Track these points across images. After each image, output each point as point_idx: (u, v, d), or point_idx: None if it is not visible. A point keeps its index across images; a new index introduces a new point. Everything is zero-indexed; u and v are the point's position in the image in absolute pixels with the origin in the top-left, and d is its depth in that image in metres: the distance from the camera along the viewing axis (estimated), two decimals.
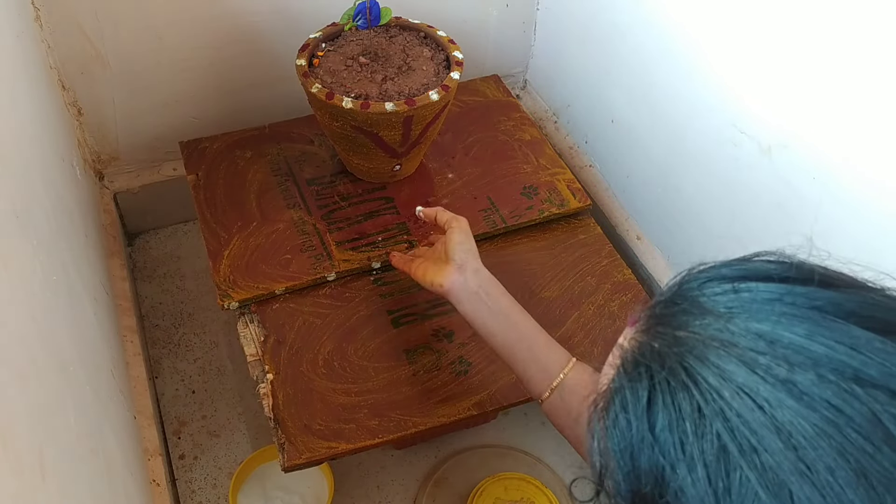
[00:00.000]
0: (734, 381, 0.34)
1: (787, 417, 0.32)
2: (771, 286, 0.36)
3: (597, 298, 0.96)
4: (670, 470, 0.34)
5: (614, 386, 0.38)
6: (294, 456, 0.80)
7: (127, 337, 0.99)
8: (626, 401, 0.37)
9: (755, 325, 0.35)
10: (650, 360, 0.37)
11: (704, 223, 0.99)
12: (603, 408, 0.39)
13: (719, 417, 0.33)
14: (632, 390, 0.37)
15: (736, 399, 0.33)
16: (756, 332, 0.35)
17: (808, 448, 0.32)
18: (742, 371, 0.34)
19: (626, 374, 0.38)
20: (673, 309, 0.38)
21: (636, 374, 0.37)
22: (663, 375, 0.36)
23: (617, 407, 0.37)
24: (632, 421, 0.36)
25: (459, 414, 0.85)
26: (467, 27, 1.23)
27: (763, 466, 0.32)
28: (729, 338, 0.35)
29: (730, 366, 0.34)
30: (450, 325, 0.93)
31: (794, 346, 0.34)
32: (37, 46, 0.95)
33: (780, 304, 0.35)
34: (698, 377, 0.34)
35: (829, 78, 0.74)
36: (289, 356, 0.89)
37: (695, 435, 0.34)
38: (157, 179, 1.18)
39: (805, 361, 0.33)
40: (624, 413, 0.37)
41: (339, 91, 0.94)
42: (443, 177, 1.08)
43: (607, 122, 1.15)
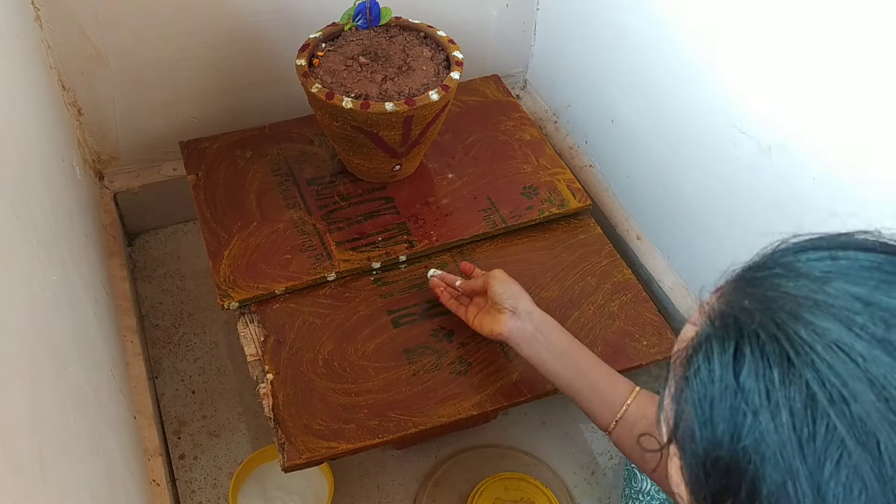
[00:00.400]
0: (828, 336, 0.34)
1: (882, 371, 0.33)
2: (871, 255, 0.36)
3: (597, 298, 0.96)
4: (752, 417, 0.34)
5: (699, 339, 0.38)
6: (294, 456, 0.80)
7: (127, 337, 0.99)
8: (710, 351, 0.36)
9: (853, 287, 0.35)
10: (739, 313, 0.36)
11: (704, 223, 0.99)
12: (684, 360, 0.38)
13: (809, 368, 0.33)
14: (718, 340, 0.36)
15: (829, 352, 0.33)
16: (853, 295, 0.35)
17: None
18: (837, 327, 0.34)
19: (712, 326, 0.37)
20: (764, 272, 0.38)
21: (723, 325, 0.37)
22: (753, 328, 0.35)
23: (700, 358, 0.37)
24: (715, 369, 0.36)
25: (459, 414, 0.85)
26: (467, 27, 1.23)
27: (853, 416, 0.32)
28: (825, 298, 0.35)
29: (824, 322, 0.34)
30: (450, 325, 0.93)
31: (891, 308, 0.34)
32: (37, 46, 0.95)
33: (879, 271, 0.36)
34: (789, 331, 0.34)
35: (830, 78, 0.74)
36: (289, 356, 0.89)
37: (782, 383, 0.34)
38: (157, 179, 1.18)
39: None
40: (707, 363, 0.36)
41: (339, 91, 0.94)
42: (443, 177, 1.08)
43: (607, 122, 1.15)
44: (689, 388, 0.37)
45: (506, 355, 0.90)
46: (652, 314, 0.95)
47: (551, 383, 0.79)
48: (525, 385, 0.87)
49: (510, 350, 0.90)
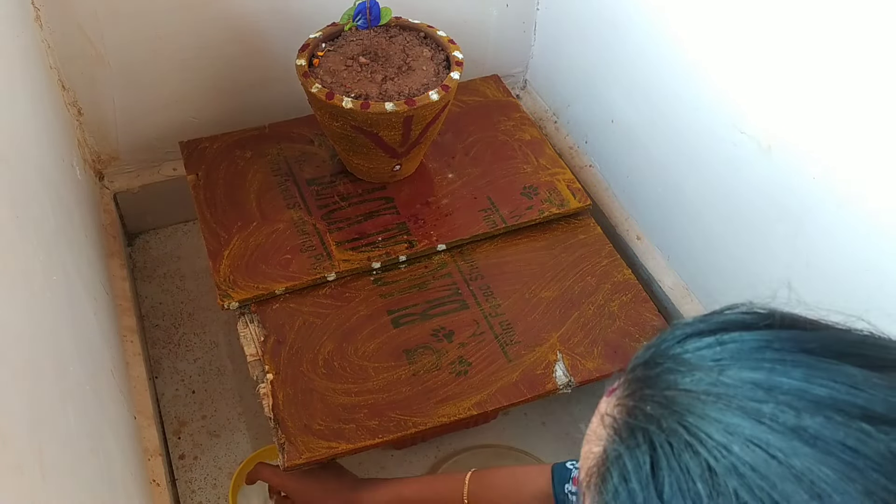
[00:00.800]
0: (741, 433, 0.32)
1: (806, 465, 0.31)
2: (755, 334, 0.35)
3: (597, 298, 0.96)
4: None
5: (610, 456, 0.36)
6: (294, 456, 0.80)
7: (127, 337, 0.99)
8: (626, 470, 0.34)
9: (749, 374, 0.34)
10: (646, 423, 0.35)
11: (704, 223, 0.99)
12: (598, 482, 0.36)
13: (733, 474, 0.31)
14: (631, 457, 0.34)
15: (747, 452, 0.32)
16: (752, 382, 0.33)
17: (835, 494, 0.30)
18: (747, 422, 0.32)
19: (621, 442, 0.35)
20: (656, 370, 0.37)
21: (633, 440, 0.35)
22: (664, 438, 0.34)
23: (615, 479, 0.35)
24: (636, 490, 0.34)
25: (459, 414, 0.85)
26: (467, 27, 1.23)
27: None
28: (724, 391, 0.33)
29: (733, 419, 0.32)
30: (450, 325, 0.93)
31: (793, 391, 0.33)
32: (37, 46, 0.95)
33: (770, 350, 0.34)
34: (702, 434, 0.33)
35: (830, 78, 0.75)
36: (289, 356, 0.89)
37: (709, 497, 0.32)
38: (157, 179, 1.18)
39: (809, 406, 0.32)
40: (625, 483, 0.34)
41: (339, 91, 0.94)
42: (443, 177, 1.08)
43: (607, 122, 1.15)
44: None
45: (506, 355, 0.90)
46: (652, 314, 0.95)
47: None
48: (525, 385, 0.88)
49: (510, 350, 0.90)
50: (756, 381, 0.33)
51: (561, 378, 0.88)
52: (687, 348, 0.36)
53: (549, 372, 0.89)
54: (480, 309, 0.94)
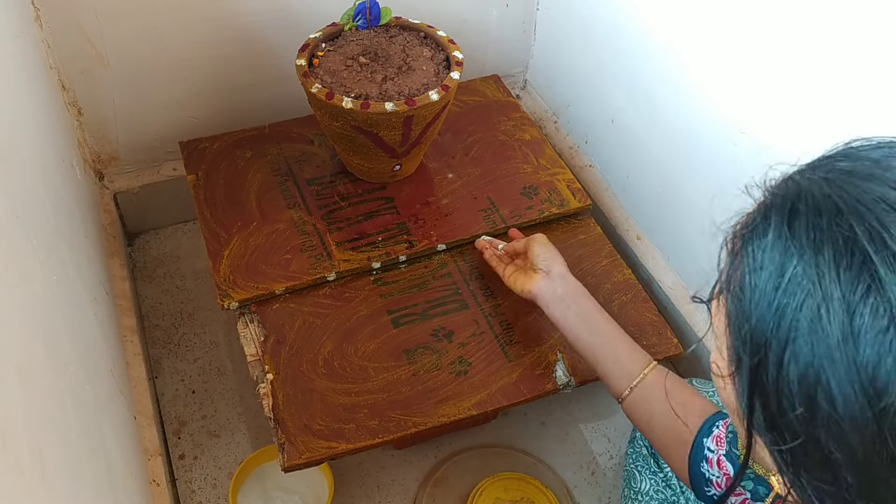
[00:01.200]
0: (874, 193, 0.37)
1: None
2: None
3: (597, 298, 0.95)
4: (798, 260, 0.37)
5: (759, 206, 0.42)
6: (294, 456, 0.80)
7: (127, 337, 0.99)
8: (768, 214, 0.40)
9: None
10: (798, 182, 0.40)
11: (704, 223, 0.98)
12: (743, 223, 0.42)
13: (855, 216, 0.37)
14: (777, 207, 0.40)
15: (877, 206, 0.37)
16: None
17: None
18: (889, 192, 0.37)
19: (770, 195, 0.42)
20: (824, 159, 0.42)
21: (782, 192, 0.41)
22: (807, 190, 0.39)
23: (758, 220, 0.41)
24: (771, 229, 0.40)
25: (460, 414, 0.85)
26: (467, 27, 1.23)
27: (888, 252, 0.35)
28: (879, 172, 0.39)
29: (877, 187, 0.38)
30: (450, 325, 0.93)
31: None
32: (37, 46, 0.95)
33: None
34: (842, 192, 0.38)
35: (830, 78, 0.74)
36: (289, 356, 0.89)
37: (828, 225, 0.37)
38: (157, 179, 1.18)
39: None
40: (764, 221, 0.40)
41: (339, 91, 0.94)
42: (443, 177, 1.08)
43: (607, 122, 1.15)
44: (746, 244, 0.41)
45: (506, 355, 0.90)
46: (652, 314, 0.95)
47: (574, 347, 0.82)
48: (525, 385, 0.87)
49: (510, 350, 0.90)
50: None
51: (561, 378, 0.88)
52: (857, 147, 0.42)
53: (549, 372, 0.89)
54: (480, 309, 0.94)
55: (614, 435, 1.03)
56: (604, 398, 1.06)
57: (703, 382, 0.89)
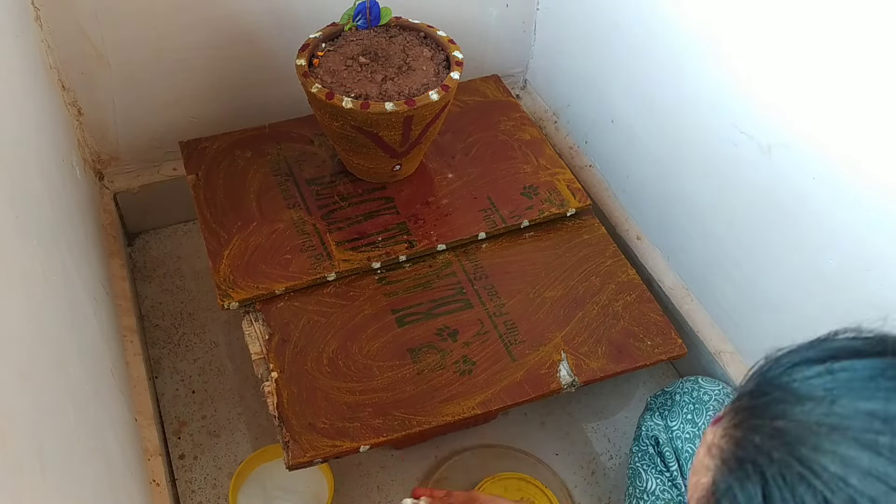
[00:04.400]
0: (859, 465, 0.32)
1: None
2: (867, 362, 0.35)
3: (601, 298, 0.96)
4: None
5: (720, 488, 0.35)
6: (298, 454, 0.80)
7: (127, 337, 0.99)
8: (737, 502, 0.34)
9: (864, 404, 0.33)
10: (755, 454, 0.34)
11: (704, 223, 0.99)
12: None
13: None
14: (742, 489, 0.34)
15: (866, 484, 0.31)
16: (867, 412, 0.33)
17: None
18: (865, 454, 0.32)
19: (730, 474, 0.35)
20: (763, 399, 0.36)
21: (742, 472, 0.34)
22: (776, 469, 0.33)
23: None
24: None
25: (464, 413, 0.85)
26: (467, 27, 1.23)
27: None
28: (838, 421, 0.33)
29: (850, 451, 0.32)
30: (454, 324, 0.93)
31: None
32: (37, 46, 0.95)
33: (883, 378, 0.34)
34: (816, 466, 0.32)
35: (830, 78, 0.74)
36: (293, 355, 0.89)
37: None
38: (157, 179, 1.18)
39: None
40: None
41: (339, 91, 0.94)
42: (443, 177, 1.08)
43: (607, 122, 1.15)
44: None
45: (510, 355, 0.90)
46: (656, 314, 0.95)
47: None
48: (529, 384, 0.87)
49: (515, 349, 0.90)
50: (872, 411, 0.33)
51: (565, 378, 0.88)
52: (795, 377, 0.35)
53: (554, 371, 0.89)
54: (485, 308, 0.94)
55: (615, 435, 1.03)
56: (604, 398, 1.06)
57: (709, 381, 0.89)
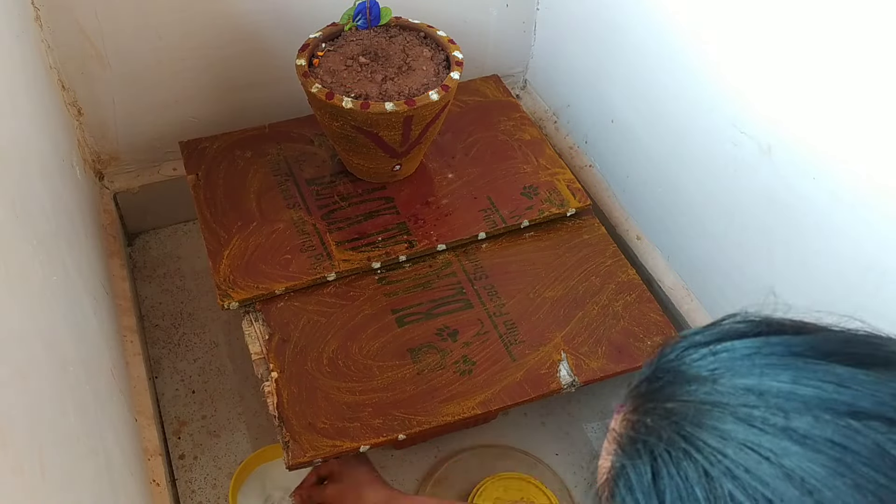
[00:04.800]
0: (734, 438, 0.34)
1: (796, 463, 0.32)
2: (746, 342, 0.37)
3: (601, 298, 0.96)
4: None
5: (615, 469, 0.38)
6: (298, 454, 0.80)
7: (127, 337, 0.99)
8: (629, 481, 0.36)
9: (740, 380, 0.35)
10: (646, 435, 0.36)
11: (704, 223, 0.99)
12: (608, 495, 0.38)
13: (727, 476, 0.33)
14: (634, 468, 0.36)
15: (740, 455, 0.33)
16: (743, 388, 0.35)
17: (824, 489, 0.32)
18: (740, 428, 0.34)
19: (624, 454, 0.37)
20: (657, 384, 0.38)
21: (634, 451, 0.37)
22: (662, 447, 0.35)
23: (622, 489, 0.37)
24: (640, 499, 0.35)
25: (464, 413, 0.85)
26: (467, 27, 1.23)
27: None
28: (719, 398, 0.35)
29: (727, 425, 0.34)
30: (454, 324, 0.93)
31: (782, 393, 0.34)
32: (37, 46, 0.95)
33: (759, 356, 0.36)
34: (698, 442, 0.34)
35: (830, 78, 0.74)
36: (293, 354, 0.89)
37: (707, 500, 0.33)
38: (157, 179, 1.18)
39: (798, 406, 0.33)
40: (630, 494, 0.36)
41: (339, 91, 0.94)
42: (443, 177, 1.08)
43: (607, 121, 1.15)
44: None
45: (510, 355, 0.90)
46: (656, 314, 0.95)
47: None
48: (529, 384, 0.87)
49: (515, 349, 0.90)
50: (747, 386, 0.35)
51: (565, 378, 0.88)
52: (685, 361, 0.38)
53: (554, 371, 0.89)
54: (485, 308, 0.94)
55: None
56: (604, 398, 1.06)
57: None
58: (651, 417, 0.37)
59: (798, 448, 0.32)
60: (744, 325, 0.38)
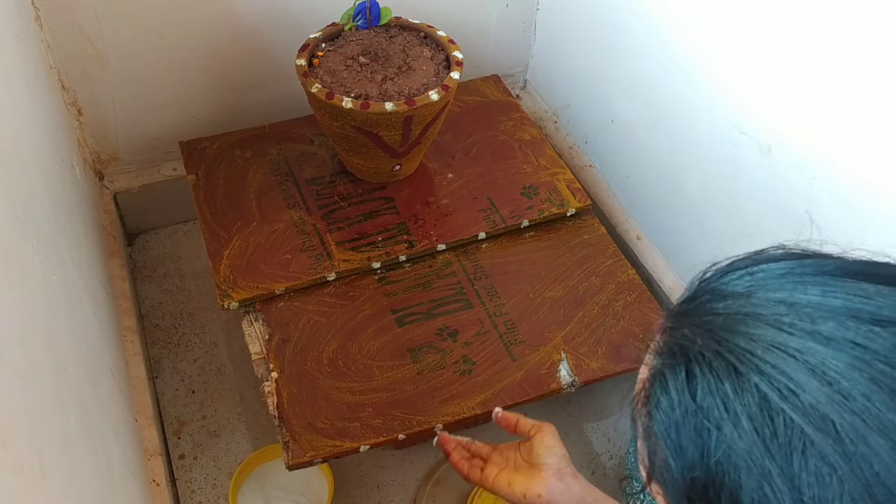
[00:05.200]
0: (764, 340, 0.37)
1: (819, 359, 0.35)
2: (781, 264, 0.40)
3: (601, 298, 0.96)
4: (716, 431, 0.36)
5: (653, 373, 0.40)
6: (298, 454, 0.80)
7: (127, 337, 0.99)
8: (665, 381, 0.39)
9: (774, 294, 0.38)
10: (682, 341, 0.39)
11: (704, 223, 0.99)
12: (644, 398, 0.41)
13: (755, 372, 0.36)
14: (669, 369, 0.39)
15: (768, 353, 0.36)
16: (776, 300, 0.38)
17: (843, 380, 0.34)
18: (770, 331, 0.37)
19: (661, 359, 0.40)
20: (695, 302, 0.41)
21: (670, 355, 0.39)
22: (696, 350, 0.38)
23: (657, 390, 0.39)
24: (673, 397, 0.38)
25: (464, 413, 0.85)
26: (467, 27, 1.23)
27: (804, 405, 0.34)
28: (752, 309, 0.38)
29: (758, 330, 0.37)
30: (454, 324, 0.93)
31: (812, 304, 0.37)
32: (37, 46, 0.95)
33: (793, 275, 0.39)
34: (730, 344, 0.37)
35: (829, 78, 0.74)
36: (293, 355, 0.89)
37: (735, 392, 0.36)
38: (157, 179, 1.18)
39: (825, 314, 0.36)
40: (665, 393, 0.39)
41: (339, 91, 0.94)
42: (443, 177, 1.08)
43: (607, 121, 1.15)
44: (654, 422, 0.39)
45: (510, 355, 0.90)
46: (656, 314, 0.95)
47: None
48: (529, 384, 0.87)
49: (515, 349, 0.90)
50: (779, 299, 0.38)
51: (565, 377, 0.88)
52: (723, 281, 0.41)
53: (553, 371, 0.89)
54: (485, 308, 0.94)
55: (615, 435, 1.03)
56: (604, 398, 1.06)
57: None
58: (688, 328, 0.39)
59: (822, 347, 0.35)
60: (780, 253, 0.42)
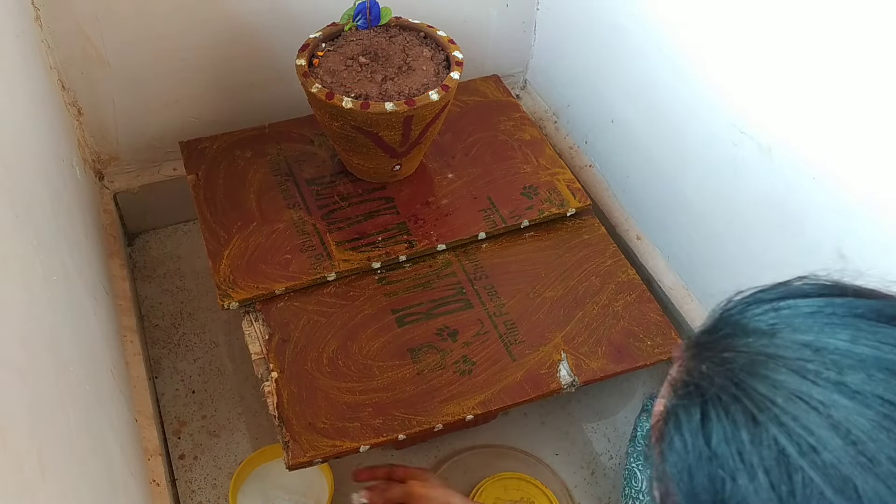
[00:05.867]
0: (786, 388, 0.34)
1: (843, 415, 0.33)
2: (810, 301, 0.37)
3: (601, 298, 0.96)
4: (731, 481, 0.34)
5: (667, 411, 0.39)
6: (298, 454, 0.80)
7: (127, 337, 0.99)
8: (679, 421, 0.37)
9: (799, 336, 0.36)
10: (699, 379, 0.37)
11: (704, 223, 0.99)
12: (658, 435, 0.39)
13: (774, 423, 0.34)
14: (684, 409, 0.37)
15: (790, 404, 0.34)
16: (801, 343, 0.35)
17: (868, 441, 0.32)
18: (793, 379, 0.34)
19: (676, 397, 0.38)
20: (716, 335, 0.39)
21: (686, 394, 0.37)
22: (713, 392, 0.36)
23: (671, 429, 0.38)
24: (687, 439, 0.36)
25: (464, 413, 0.85)
26: (467, 27, 1.23)
27: (825, 464, 0.32)
28: (775, 351, 0.36)
29: (780, 375, 0.35)
30: (454, 324, 0.93)
31: (839, 351, 0.35)
32: (37, 46, 0.95)
33: (821, 315, 0.36)
34: (749, 389, 0.35)
35: (829, 78, 0.74)
36: (293, 354, 0.89)
37: (752, 443, 0.34)
38: (157, 179, 1.18)
39: (853, 364, 0.34)
40: (678, 433, 0.37)
41: (339, 91, 0.94)
42: (443, 177, 1.08)
43: (607, 122, 1.15)
44: (667, 462, 0.37)
45: (510, 355, 0.90)
46: (656, 314, 0.95)
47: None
48: (529, 384, 0.87)
49: (515, 349, 0.90)
50: (805, 342, 0.36)
51: (565, 378, 0.88)
52: (746, 315, 0.39)
53: (554, 371, 0.89)
54: (485, 308, 0.94)
55: (614, 435, 1.03)
56: (604, 398, 1.06)
57: None
58: (706, 364, 0.37)
59: (848, 402, 0.33)
60: (810, 287, 0.39)
